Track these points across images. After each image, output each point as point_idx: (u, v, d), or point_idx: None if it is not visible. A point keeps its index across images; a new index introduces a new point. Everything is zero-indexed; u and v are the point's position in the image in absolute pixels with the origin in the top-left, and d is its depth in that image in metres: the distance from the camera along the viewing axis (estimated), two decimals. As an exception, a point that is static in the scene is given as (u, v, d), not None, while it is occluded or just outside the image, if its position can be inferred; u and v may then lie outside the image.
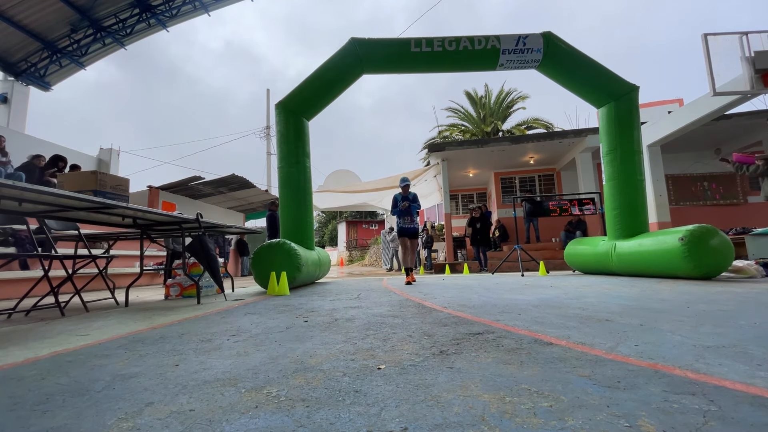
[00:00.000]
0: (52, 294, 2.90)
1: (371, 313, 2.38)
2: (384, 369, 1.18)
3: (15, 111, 10.57)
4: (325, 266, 6.14)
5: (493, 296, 3.09)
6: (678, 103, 12.35)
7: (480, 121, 20.79)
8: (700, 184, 10.33)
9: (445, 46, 5.39)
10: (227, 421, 0.83)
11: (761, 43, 5.02)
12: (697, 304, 2.31)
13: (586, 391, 0.94)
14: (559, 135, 10.09)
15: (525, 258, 7.16)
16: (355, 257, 29.87)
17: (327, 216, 39.90)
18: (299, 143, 5.54)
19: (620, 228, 5.30)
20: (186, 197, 11.23)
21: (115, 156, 11.66)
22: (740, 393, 0.89)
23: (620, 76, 5.39)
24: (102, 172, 3.24)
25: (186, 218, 3.44)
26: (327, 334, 1.75)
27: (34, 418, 0.88)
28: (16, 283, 4.68)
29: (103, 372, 1.24)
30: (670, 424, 0.75)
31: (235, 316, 2.46)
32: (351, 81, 5.77)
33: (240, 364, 1.29)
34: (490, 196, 13.17)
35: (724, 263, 4.02)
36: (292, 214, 5.40)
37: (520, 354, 1.30)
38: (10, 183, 1.93)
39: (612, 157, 5.45)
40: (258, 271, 4.33)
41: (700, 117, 6.67)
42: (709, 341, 1.38)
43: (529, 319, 1.99)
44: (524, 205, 7.21)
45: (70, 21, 10.04)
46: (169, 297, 4.04)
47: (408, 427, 0.78)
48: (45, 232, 3.15)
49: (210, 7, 11.64)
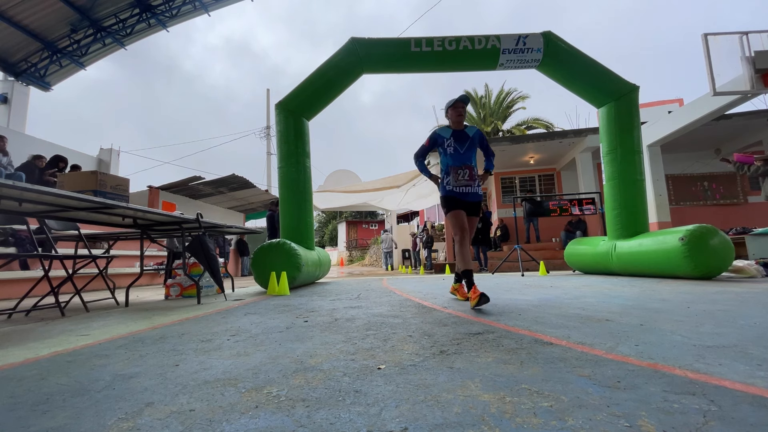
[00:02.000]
0: (52, 294, 2.90)
1: (371, 313, 2.38)
2: (384, 369, 1.18)
3: (15, 111, 10.57)
4: (325, 266, 6.14)
5: (493, 296, 3.09)
6: (678, 103, 12.36)
7: (480, 120, 20.79)
8: (700, 184, 10.33)
9: (445, 45, 5.39)
10: (227, 421, 0.83)
11: (761, 43, 5.02)
12: (698, 304, 2.30)
13: (586, 391, 0.94)
14: (559, 135, 10.08)
15: (525, 258, 7.16)
16: (355, 257, 29.89)
17: (327, 216, 39.90)
18: (299, 143, 5.54)
19: (620, 228, 5.29)
20: (186, 197, 11.23)
21: (115, 156, 11.66)
22: (740, 393, 0.89)
23: (620, 75, 5.39)
24: (102, 172, 3.24)
25: (186, 218, 3.44)
26: (327, 334, 1.75)
27: (34, 418, 0.88)
28: (16, 283, 4.68)
29: (103, 372, 1.24)
30: (670, 424, 0.75)
31: (235, 316, 2.46)
32: (351, 81, 5.77)
33: (240, 364, 1.29)
34: (490, 196, 13.17)
35: (724, 263, 4.02)
36: (292, 214, 5.40)
37: (520, 354, 1.30)
38: (10, 183, 1.93)
39: (612, 157, 5.44)
40: (258, 271, 4.33)
41: (700, 117, 6.67)
42: (709, 341, 1.38)
43: (529, 319, 1.99)
44: (524, 205, 7.21)
45: (70, 21, 10.04)
46: (169, 297, 4.04)
47: (408, 427, 0.78)
48: (45, 232, 3.15)
49: (210, 7, 11.65)
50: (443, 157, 2.89)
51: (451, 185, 2.82)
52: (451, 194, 2.82)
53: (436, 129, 2.96)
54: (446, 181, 2.86)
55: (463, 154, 2.81)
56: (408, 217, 23.35)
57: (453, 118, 2.89)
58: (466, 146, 2.83)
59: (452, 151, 2.82)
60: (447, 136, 2.87)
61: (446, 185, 2.86)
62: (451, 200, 2.82)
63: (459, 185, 2.79)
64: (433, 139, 2.95)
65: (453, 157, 2.82)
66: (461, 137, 2.85)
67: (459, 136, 2.85)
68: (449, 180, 2.83)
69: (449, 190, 2.83)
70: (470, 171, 2.80)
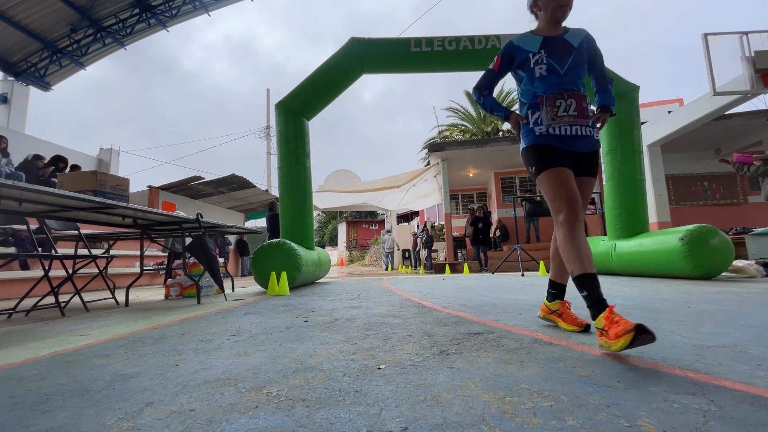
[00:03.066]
0: (52, 294, 2.90)
1: (371, 312, 2.38)
2: (384, 369, 1.18)
3: (15, 111, 10.57)
4: (325, 266, 6.14)
5: (493, 296, 3.09)
6: (678, 103, 12.37)
7: (480, 120, 20.80)
8: (700, 184, 10.33)
9: (445, 45, 5.39)
10: (227, 421, 0.83)
11: (761, 43, 5.02)
12: (697, 303, 2.31)
13: (586, 391, 0.94)
14: (559, 135, 10.07)
15: (525, 258, 7.16)
16: (355, 257, 29.89)
17: (327, 216, 39.91)
18: (299, 143, 5.54)
19: (620, 228, 5.29)
20: (186, 197, 11.23)
21: (115, 156, 11.66)
22: (740, 393, 0.89)
23: (620, 75, 5.39)
24: (102, 172, 3.24)
25: (186, 218, 3.44)
26: (327, 334, 1.75)
27: (34, 418, 0.88)
28: (16, 283, 4.68)
29: (103, 372, 1.24)
30: (670, 424, 0.75)
31: (235, 316, 2.46)
32: (351, 81, 5.77)
33: (240, 364, 1.29)
34: (490, 196, 13.18)
35: (724, 263, 4.02)
36: (292, 214, 5.40)
37: (520, 354, 1.30)
38: (10, 183, 1.93)
39: (612, 157, 5.44)
40: (258, 271, 4.33)
41: (700, 117, 6.68)
42: (709, 341, 1.38)
43: (529, 319, 1.99)
44: (524, 205, 7.21)
45: (70, 21, 10.04)
46: (169, 297, 4.04)
47: (408, 427, 0.78)
48: (45, 232, 3.15)
49: (210, 7, 11.64)
50: (527, 83, 1.75)
51: (544, 125, 1.65)
52: (545, 141, 1.66)
53: (513, 39, 1.80)
54: (536, 120, 1.69)
55: (566, 74, 1.66)
56: (408, 217, 23.37)
57: (550, 12, 1.72)
58: (570, 61, 1.67)
59: (544, 71, 1.67)
60: (534, 47, 1.72)
61: (536, 127, 1.68)
62: (547, 151, 1.65)
63: (561, 123, 1.63)
64: (509, 56, 1.79)
65: (546, 81, 1.67)
66: (560, 47, 1.70)
67: (556, 46, 1.70)
68: (541, 117, 1.67)
69: (542, 134, 1.66)
70: (579, 101, 1.64)
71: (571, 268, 1.48)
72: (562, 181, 1.59)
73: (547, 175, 1.63)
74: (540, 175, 1.66)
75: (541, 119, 1.67)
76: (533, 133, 1.69)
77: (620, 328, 1.19)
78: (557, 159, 1.63)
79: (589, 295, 1.40)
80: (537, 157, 1.67)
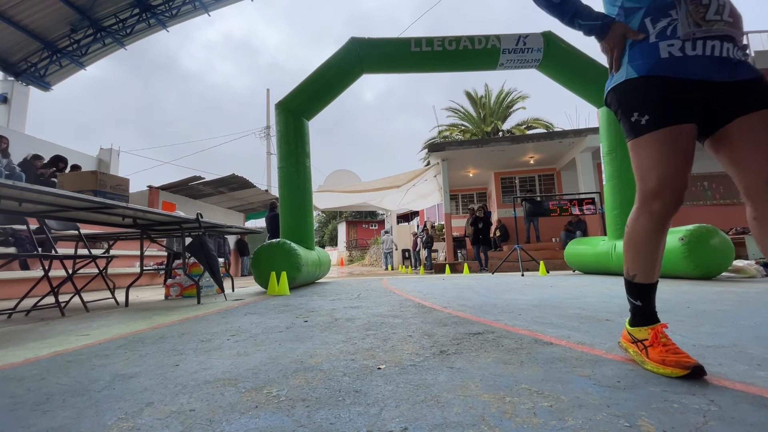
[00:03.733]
0: (52, 294, 2.90)
1: (371, 313, 2.38)
2: (384, 369, 1.18)
3: (15, 111, 10.57)
4: (325, 266, 6.14)
5: (493, 296, 3.09)
6: (678, 102, 12.33)
7: (480, 120, 20.81)
8: (700, 184, 10.33)
9: (445, 45, 5.39)
10: (227, 421, 0.83)
11: (761, 43, 5.02)
12: (697, 303, 2.31)
13: (586, 391, 0.94)
14: (559, 135, 10.09)
15: (525, 258, 7.16)
16: (355, 257, 29.89)
17: (327, 216, 39.90)
18: (299, 143, 5.54)
19: (620, 228, 5.29)
20: (186, 197, 11.22)
21: (115, 156, 11.65)
22: (740, 393, 0.89)
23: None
24: (102, 172, 3.24)
25: (186, 218, 3.44)
26: (327, 334, 1.75)
27: (34, 418, 0.88)
28: (16, 283, 4.68)
29: (103, 372, 1.24)
30: (670, 424, 0.75)
31: (235, 316, 2.46)
32: (351, 81, 5.77)
33: (240, 364, 1.29)
34: (490, 196, 13.18)
35: (724, 263, 4.02)
36: (292, 214, 5.40)
37: (520, 354, 1.30)
38: (10, 183, 1.93)
39: (612, 157, 5.44)
40: (258, 271, 4.33)
41: (700, 117, 6.67)
42: (708, 341, 1.38)
43: (529, 319, 1.99)
44: (524, 205, 7.21)
45: (70, 21, 10.04)
46: (169, 297, 4.05)
47: (408, 427, 0.78)
48: (45, 232, 3.15)
49: (210, 7, 11.64)
50: None
51: (681, 36, 1.02)
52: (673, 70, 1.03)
53: None
54: (661, 30, 1.05)
55: None
56: (408, 217, 23.37)
57: None
58: None
59: None
60: None
61: (661, 41, 1.05)
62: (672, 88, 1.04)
63: (712, 32, 1.00)
64: None
65: None
66: None
67: None
68: (672, 25, 1.03)
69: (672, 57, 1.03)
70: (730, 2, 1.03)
71: (635, 272, 1.16)
72: (676, 153, 1.04)
73: (657, 137, 1.05)
74: (645, 136, 1.07)
75: (675, 28, 1.03)
76: (655, 55, 1.05)
77: (673, 358, 1.01)
78: (682, 109, 1.03)
79: (643, 307, 1.15)
80: (652, 100, 1.05)
